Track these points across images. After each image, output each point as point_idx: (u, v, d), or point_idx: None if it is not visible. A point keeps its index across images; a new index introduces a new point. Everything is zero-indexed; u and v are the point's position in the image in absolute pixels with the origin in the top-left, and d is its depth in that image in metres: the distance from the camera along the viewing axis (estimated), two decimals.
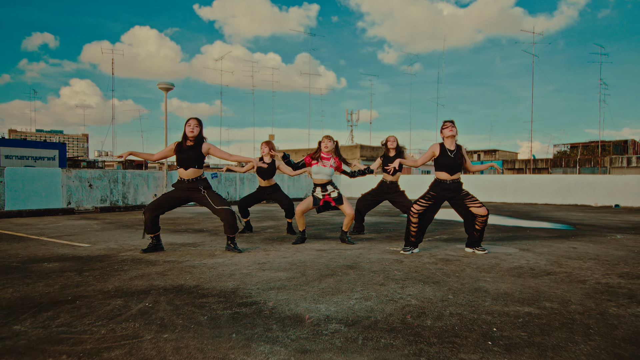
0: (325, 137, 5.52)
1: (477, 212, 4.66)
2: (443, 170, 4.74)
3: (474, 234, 4.82)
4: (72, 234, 6.57)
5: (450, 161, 4.70)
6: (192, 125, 4.84)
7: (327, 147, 5.46)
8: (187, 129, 4.83)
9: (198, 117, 4.92)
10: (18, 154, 22.33)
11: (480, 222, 4.70)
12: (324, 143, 5.48)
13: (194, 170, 4.85)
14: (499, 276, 3.65)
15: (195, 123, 4.86)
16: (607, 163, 41.00)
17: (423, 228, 4.81)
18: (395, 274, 3.74)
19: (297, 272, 3.81)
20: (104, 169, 11.98)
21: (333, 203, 5.38)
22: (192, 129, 4.83)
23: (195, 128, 4.84)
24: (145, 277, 3.67)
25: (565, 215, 10.35)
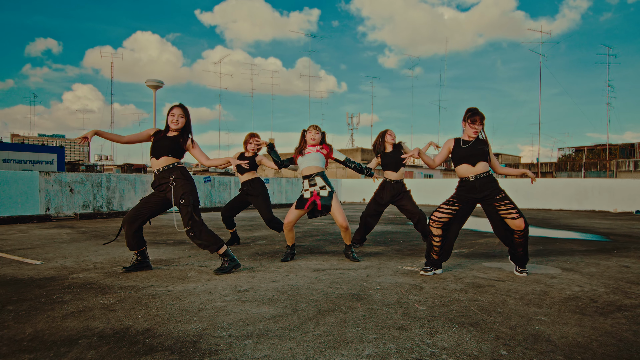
0: (312, 127, 4.58)
1: (513, 225, 3.74)
2: (462, 163, 3.86)
3: (517, 250, 3.88)
4: (32, 246, 5.66)
5: (467, 150, 3.84)
6: (177, 116, 3.97)
7: (315, 139, 4.54)
8: (170, 119, 3.97)
9: (184, 105, 4.04)
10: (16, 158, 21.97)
11: (519, 238, 3.78)
12: (310, 134, 4.55)
13: (165, 158, 3.94)
14: (556, 312, 2.73)
15: (180, 113, 3.99)
16: (614, 167, 40.05)
17: (450, 243, 3.89)
18: (416, 308, 2.83)
19: (287, 306, 2.89)
20: (86, 173, 11.09)
21: (319, 207, 4.33)
22: (177, 119, 3.96)
23: (180, 119, 3.97)
24: (83, 313, 2.76)
25: (589, 223, 9.43)
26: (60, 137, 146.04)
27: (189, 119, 4.06)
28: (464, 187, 3.84)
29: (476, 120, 3.83)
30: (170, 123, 3.97)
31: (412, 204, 5.50)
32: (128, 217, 3.98)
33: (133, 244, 4.03)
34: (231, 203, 5.72)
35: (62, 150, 24.36)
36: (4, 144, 22.37)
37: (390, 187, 5.53)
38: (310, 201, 4.37)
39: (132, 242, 4.02)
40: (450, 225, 3.86)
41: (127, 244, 4.03)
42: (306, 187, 4.46)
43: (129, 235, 4.00)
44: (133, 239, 4.02)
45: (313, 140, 4.54)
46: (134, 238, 4.03)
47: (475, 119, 3.83)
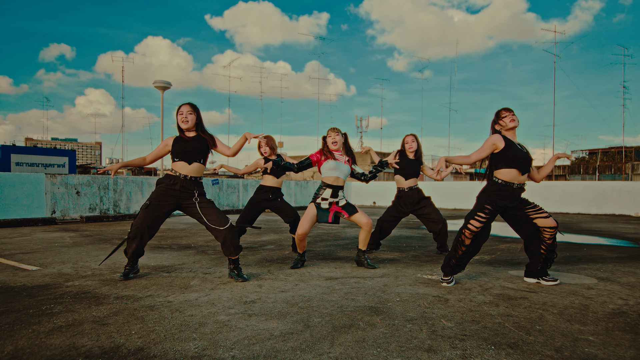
0: (331, 131, 4.28)
1: (545, 223, 3.43)
2: (512, 167, 3.44)
3: (540, 255, 3.54)
4: (32, 250, 5.42)
5: (523, 155, 3.47)
6: (185, 113, 3.74)
7: (336, 142, 4.25)
8: (180, 118, 3.74)
9: (191, 103, 3.82)
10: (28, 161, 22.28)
11: (549, 239, 3.45)
12: (331, 138, 4.25)
13: (197, 165, 3.75)
14: (604, 331, 2.40)
15: (188, 110, 3.75)
16: (629, 170, 39.23)
17: (474, 252, 3.56)
18: (443, 324, 2.51)
19: (297, 321, 2.59)
20: (93, 175, 10.89)
21: (346, 215, 4.15)
22: (185, 117, 3.73)
23: (189, 115, 3.74)
24: (72, 328, 2.48)
25: (612, 227, 9.01)
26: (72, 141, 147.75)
27: (199, 114, 3.82)
28: (503, 194, 3.46)
29: (505, 114, 3.52)
30: (180, 122, 3.74)
31: (436, 212, 5.12)
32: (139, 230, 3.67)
33: (136, 255, 3.80)
34: (248, 213, 5.31)
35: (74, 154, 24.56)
36: (17, 148, 22.67)
37: (405, 195, 5.16)
38: (332, 213, 4.14)
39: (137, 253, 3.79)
40: (480, 235, 3.51)
41: (130, 255, 3.77)
42: (325, 196, 4.16)
43: (140, 247, 3.76)
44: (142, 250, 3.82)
45: (335, 144, 4.24)
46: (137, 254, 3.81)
47: (504, 113, 3.53)
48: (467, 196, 16.02)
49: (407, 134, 5.24)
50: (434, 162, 41.54)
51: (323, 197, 4.17)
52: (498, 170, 3.50)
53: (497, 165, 3.52)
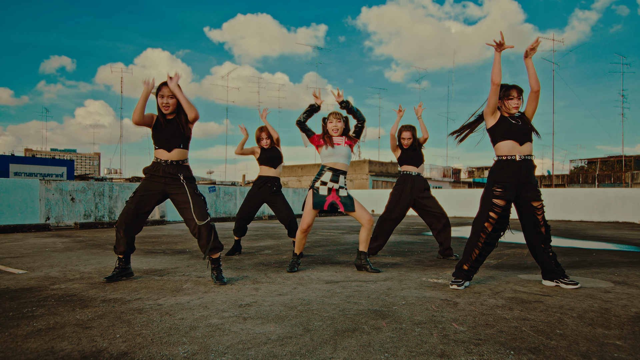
0: (332, 116, 4.06)
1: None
2: (509, 139, 3.30)
3: (548, 256, 3.38)
4: (20, 255, 5.21)
5: (517, 126, 3.32)
6: (166, 97, 3.48)
7: (337, 129, 4.05)
8: (160, 102, 3.49)
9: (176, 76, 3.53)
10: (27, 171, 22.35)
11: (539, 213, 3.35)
12: (332, 124, 4.03)
13: (178, 151, 3.55)
14: (631, 335, 2.20)
15: (168, 92, 3.48)
16: (629, 179, 39.09)
17: (490, 250, 3.38)
18: (455, 328, 2.31)
19: (296, 324, 2.39)
20: (88, 181, 10.70)
21: (341, 208, 3.95)
22: (166, 102, 3.48)
23: (170, 100, 3.49)
24: (52, 332, 2.28)
25: (618, 234, 8.82)
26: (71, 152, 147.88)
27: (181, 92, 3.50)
28: (508, 170, 3.27)
29: (512, 93, 3.33)
30: (161, 107, 3.50)
31: (438, 205, 4.97)
32: (125, 218, 3.52)
33: (126, 248, 3.60)
34: (247, 209, 5.17)
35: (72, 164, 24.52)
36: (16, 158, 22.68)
37: (412, 180, 4.96)
38: (329, 201, 3.93)
39: (126, 245, 3.58)
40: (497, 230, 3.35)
41: (118, 247, 3.58)
42: (325, 179, 3.97)
43: (124, 239, 3.56)
44: (127, 245, 3.59)
45: (336, 131, 4.04)
46: (128, 244, 3.60)
47: (511, 93, 3.33)
48: (468, 203, 15.82)
49: (403, 127, 5.06)
50: (432, 170, 41.37)
51: (322, 180, 3.98)
52: (496, 145, 3.36)
53: (494, 140, 3.39)
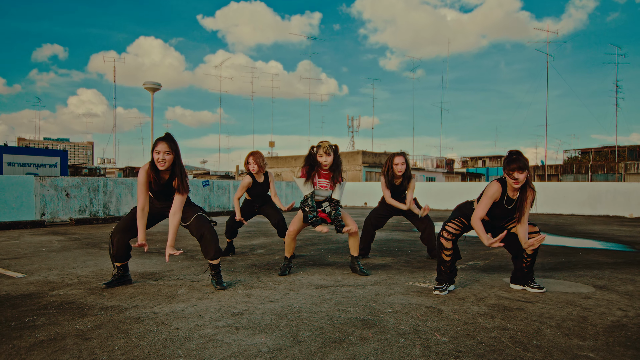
0: (322, 150, 3.94)
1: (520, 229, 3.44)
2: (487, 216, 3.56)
3: (521, 264, 3.53)
4: (19, 255, 5.29)
5: (504, 213, 3.47)
6: (162, 153, 3.40)
7: (327, 163, 3.96)
8: (156, 157, 3.41)
9: (169, 138, 3.46)
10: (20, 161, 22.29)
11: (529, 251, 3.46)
12: (322, 158, 3.94)
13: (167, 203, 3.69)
14: (604, 347, 2.32)
15: (165, 149, 3.40)
16: (622, 169, 39.41)
17: (457, 254, 3.53)
18: (437, 339, 2.43)
19: (286, 335, 2.50)
20: (82, 177, 10.74)
21: (328, 220, 4.09)
22: (162, 158, 3.40)
23: (167, 156, 3.41)
24: (54, 343, 2.38)
25: (607, 230, 8.99)
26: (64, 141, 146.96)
27: (178, 152, 3.50)
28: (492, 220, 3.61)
29: (513, 170, 3.22)
30: (157, 162, 3.42)
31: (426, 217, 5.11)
32: (122, 226, 3.62)
33: (121, 256, 3.68)
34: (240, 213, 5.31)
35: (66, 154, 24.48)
36: (9, 148, 22.58)
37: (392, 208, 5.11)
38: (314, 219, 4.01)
39: (120, 253, 3.66)
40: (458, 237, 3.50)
41: (114, 256, 3.66)
42: (311, 203, 4.05)
43: (121, 247, 3.64)
44: (123, 250, 3.67)
45: (325, 166, 3.97)
46: (124, 250, 3.67)
47: (513, 168, 3.22)
48: (460, 197, 15.99)
49: (395, 153, 4.97)
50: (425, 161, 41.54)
51: (310, 205, 4.05)
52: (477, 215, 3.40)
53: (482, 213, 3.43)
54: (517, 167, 3.19)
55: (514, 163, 3.21)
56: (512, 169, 3.21)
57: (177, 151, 3.49)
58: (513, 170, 3.21)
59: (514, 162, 3.21)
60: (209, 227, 3.58)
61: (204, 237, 3.56)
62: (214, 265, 3.66)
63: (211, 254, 3.59)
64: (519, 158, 3.22)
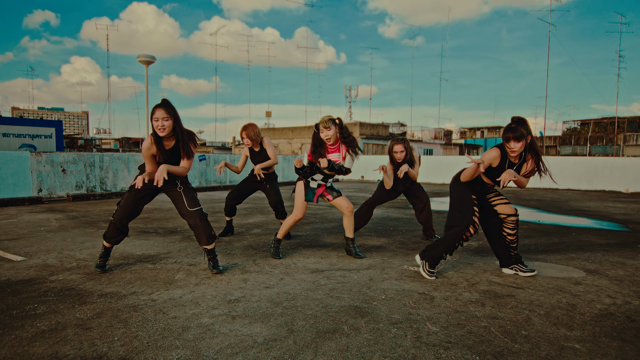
0: (321, 125, 3.90)
1: (504, 210, 3.54)
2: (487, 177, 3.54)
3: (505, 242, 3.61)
4: (18, 236, 5.34)
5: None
6: (160, 120, 3.38)
7: (330, 138, 3.92)
8: (155, 125, 3.40)
9: (167, 103, 3.44)
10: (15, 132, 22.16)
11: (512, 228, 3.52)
12: (324, 134, 3.91)
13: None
14: (590, 337, 2.39)
15: (163, 115, 3.38)
16: (621, 141, 39.39)
17: None
18: (429, 329, 2.49)
19: (281, 325, 2.56)
20: (78, 152, 10.70)
21: (330, 199, 4.11)
22: (161, 124, 3.38)
23: (166, 122, 3.39)
24: (55, 333, 2.43)
25: (602, 206, 9.07)
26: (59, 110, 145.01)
27: (177, 117, 3.48)
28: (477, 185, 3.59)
29: (508, 139, 3.24)
30: (157, 130, 3.41)
31: (422, 191, 5.16)
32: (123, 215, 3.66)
33: (116, 237, 3.73)
34: (238, 192, 5.33)
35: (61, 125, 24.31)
36: (3, 119, 22.40)
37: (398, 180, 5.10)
38: (318, 194, 4.11)
39: (117, 236, 3.73)
40: None
41: (109, 237, 3.71)
42: (317, 178, 4.12)
43: (117, 229, 3.70)
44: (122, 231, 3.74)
45: (328, 140, 3.94)
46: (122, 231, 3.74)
47: (508, 137, 3.23)
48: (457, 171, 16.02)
49: (395, 140, 4.93)
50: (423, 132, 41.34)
51: (314, 178, 4.11)
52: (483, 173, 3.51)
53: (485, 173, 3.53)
54: (513, 136, 3.20)
55: (510, 132, 3.21)
56: (508, 138, 3.23)
57: (175, 116, 3.47)
58: (508, 139, 3.23)
59: (511, 131, 3.21)
60: (200, 214, 3.61)
61: (196, 225, 3.60)
62: (209, 250, 3.71)
63: (204, 240, 3.64)
64: (517, 128, 3.20)
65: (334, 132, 3.94)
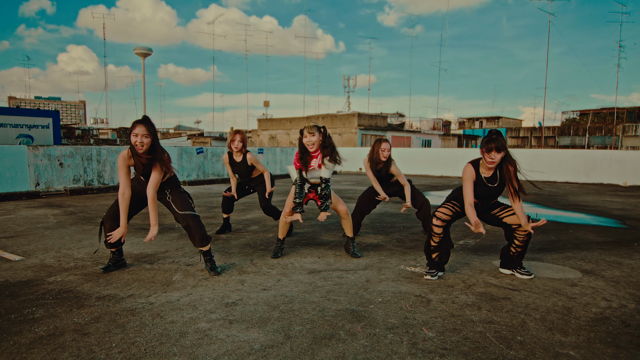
0: (306, 131, 3.86)
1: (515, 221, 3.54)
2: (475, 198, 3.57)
3: (510, 251, 3.61)
4: (16, 233, 5.34)
5: (487, 192, 3.52)
6: (140, 136, 3.36)
7: (313, 143, 3.85)
8: (134, 140, 3.38)
9: (147, 121, 3.43)
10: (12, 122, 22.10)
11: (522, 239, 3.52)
12: (306, 139, 3.85)
13: None
14: (585, 343, 2.41)
15: (143, 132, 3.37)
16: (620, 131, 39.36)
17: (448, 242, 3.58)
18: (425, 335, 2.51)
19: (278, 330, 2.57)
20: (75, 146, 10.65)
21: (319, 202, 4.08)
22: (140, 141, 3.37)
23: (145, 139, 3.37)
24: (53, 339, 2.44)
25: (600, 200, 9.09)
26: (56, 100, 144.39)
27: (155, 134, 3.48)
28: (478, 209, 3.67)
29: (490, 150, 3.32)
30: (135, 146, 3.39)
31: (417, 192, 5.16)
32: (112, 213, 3.66)
33: (114, 243, 3.73)
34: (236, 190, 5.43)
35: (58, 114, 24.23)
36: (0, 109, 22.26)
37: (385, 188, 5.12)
38: (308, 197, 4.06)
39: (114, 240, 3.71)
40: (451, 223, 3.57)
41: (107, 242, 3.71)
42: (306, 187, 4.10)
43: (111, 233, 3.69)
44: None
45: (311, 147, 3.87)
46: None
47: (490, 148, 3.32)
48: (455, 163, 16.03)
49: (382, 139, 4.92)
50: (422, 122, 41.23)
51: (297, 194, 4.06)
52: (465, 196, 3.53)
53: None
54: (495, 147, 3.31)
55: (492, 143, 3.32)
56: (490, 149, 3.32)
57: (154, 134, 3.46)
58: (490, 150, 3.32)
59: (493, 142, 3.32)
60: (192, 217, 3.62)
61: (189, 227, 3.62)
62: (204, 251, 3.72)
63: (197, 242, 3.65)
64: (499, 139, 3.32)
65: (317, 139, 3.85)
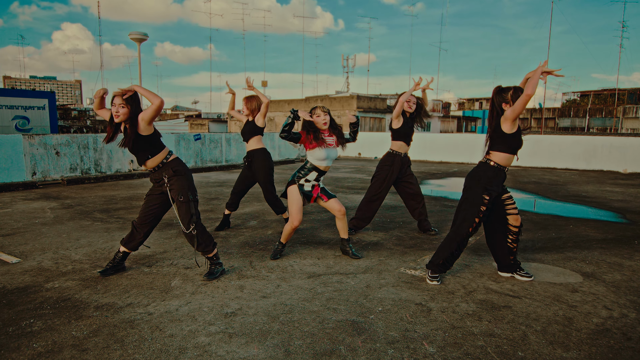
0: (320, 110, 3.96)
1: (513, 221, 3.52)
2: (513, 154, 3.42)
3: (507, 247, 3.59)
4: (12, 230, 5.30)
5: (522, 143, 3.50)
6: (117, 106, 3.37)
7: (327, 122, 3.99)
8: (113, 111, 3.41)
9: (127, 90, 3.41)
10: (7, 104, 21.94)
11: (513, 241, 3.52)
12: (321, 118, 3.95)
13: (150, 161, 3.59)
14: (587, 358, 2.39)
15: (120, 102, 3.37)
16: (620, 113, 39.18)
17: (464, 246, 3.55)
18: (425, 349, 2.49)
19: (278, 345, 2.55)
20: (71, 135, 10.54)
21: (325, 199, 4.09)
22: (117, 110, 3.37)
23: (121, 109, 3.37)
24: (51, 357, 2.42)
25: (599, 190, 9.05)
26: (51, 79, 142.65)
27: (137, 102, 3.45)
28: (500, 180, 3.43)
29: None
30: (115, 117, 3.39)
31: (416, 184, 5.14)
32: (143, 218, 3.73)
33: (135, 246, 3.80)
34: (241, 186, 5.37)
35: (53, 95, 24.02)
36: None
37: (400, 162, 5.03)
38: (314, 196, 4.08)
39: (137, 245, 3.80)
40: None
41: (130, 242, 3.77)
42: (310, 178, 4.07)
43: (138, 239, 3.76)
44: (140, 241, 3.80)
45: (325, 124, 3.97)
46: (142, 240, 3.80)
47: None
48: (454, 149, 15.95)
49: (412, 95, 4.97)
50: None
51: (307, 178, 4.06)
52: (496, 152, 3.39)
53: (499, 146, 3.37)
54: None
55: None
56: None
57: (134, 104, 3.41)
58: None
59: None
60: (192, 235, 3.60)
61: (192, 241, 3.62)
62: (209, 257, 3.71)
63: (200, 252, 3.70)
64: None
65: (329, 119, 4.02)
